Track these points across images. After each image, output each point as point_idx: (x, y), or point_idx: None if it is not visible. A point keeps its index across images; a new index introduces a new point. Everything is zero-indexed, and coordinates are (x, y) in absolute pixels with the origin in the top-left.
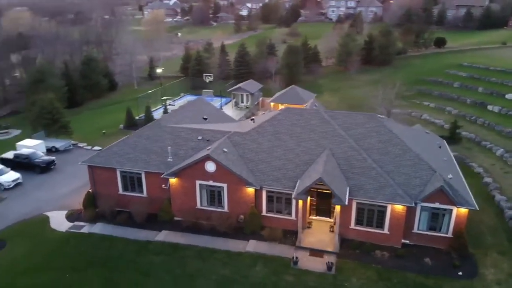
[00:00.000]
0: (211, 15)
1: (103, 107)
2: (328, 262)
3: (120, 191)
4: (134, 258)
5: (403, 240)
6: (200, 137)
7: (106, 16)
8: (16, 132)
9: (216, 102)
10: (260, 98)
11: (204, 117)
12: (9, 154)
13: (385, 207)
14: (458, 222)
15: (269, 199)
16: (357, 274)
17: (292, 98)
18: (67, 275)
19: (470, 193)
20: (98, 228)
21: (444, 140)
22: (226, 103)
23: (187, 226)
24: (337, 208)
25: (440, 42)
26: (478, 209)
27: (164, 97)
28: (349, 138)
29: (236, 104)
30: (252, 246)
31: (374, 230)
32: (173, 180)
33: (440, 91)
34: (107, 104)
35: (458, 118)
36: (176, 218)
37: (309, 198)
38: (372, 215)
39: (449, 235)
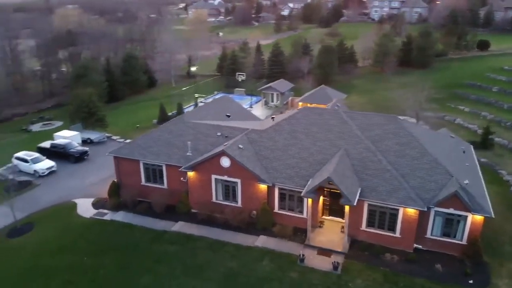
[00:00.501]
0: (253, 15)
1: (140, 103)
2: (334, 261)
3: (143, 182)
4: (149, 246)
5: (415, 245)
6: (219, 133)
7: (153, 15)
8: (59, 123)
9: (247, 100)
10: (290, 98)
11: (227, 114)
12: (47, 144)
13: (397, 210)
14: (473, 229)
15: (281, 196)
16: (363, 276)
17: (320, 98)
18: (85, 258)
19: (489, 200)
20: (120, 216)
21: (471, 146)
22: (256, 102)
23: (202, 219)
24: (346, 208)
25: (483, 45)
26: (493, 216)
27: (196, 95)
28: (366, 139)
29: (266, 103)
30: (262, 241)
31: (385, 233)
32: (191, 174)
33: (477, 95)
34: (145, 100)
35: (493, 123)
36: (193, 210)
37: (321, 197)
38: (384, 217)
39: (464, 242)
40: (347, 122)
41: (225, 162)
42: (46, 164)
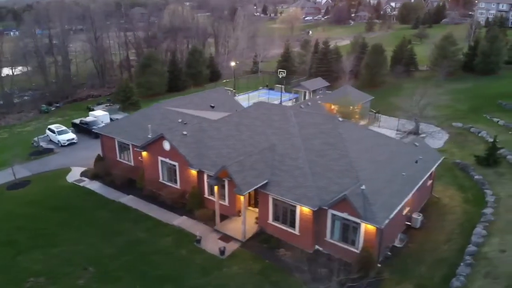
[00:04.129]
0: (353, 14)
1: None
2: (221, 247)
3: (118, 157)
4: (94, 210)
5: (317, 246)
6: (180, 120)
7: (257, 14)
8: (117, 106)
9: (284, 97)
10: (317, 96)
11: (211, 105)
12: (77, 120)
13: (295, 206)
14: (367, 238)
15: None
16: (243, 264)
17: (339, 98)
18: (42, 212)
19: (394, 212)
20: (92, 184)
21: (442, 157)
22: (290, 99)
23: (147, 195)
24: (241, 198)
25: None
26: (382, 227)
27: (225, 88)
28: (298, 137)
29: (297, 100)
30: (180, 221)
31: (287, 229)
32: (144, 154)
33: None
34: (201, 92)
35: None
36: (148, 187)
37: None
38: (286, 213)
39: (358, 250)
40: (289, 119)
41: (166, 145)
42: (68, 136)
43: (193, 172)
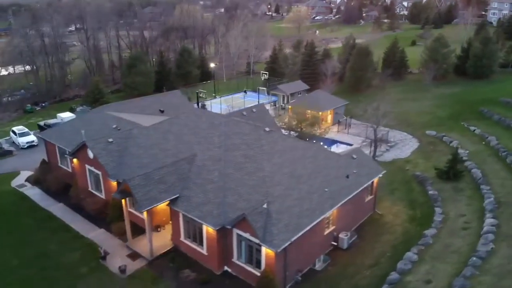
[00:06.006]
0: (364, 14)
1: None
2: (122, 265)
3: (59, 163)
4: (20, 218)
5: (226, 268)
6: (114, 126)
7: (268, 13)
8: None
9: (264, 99)
10: (293, 100)
11: (161, 109)
12: (42, 122)
13: (201, 224)
14: (268, 262)
15: None
16: (141, 285)
17: (308, 104)
18: None
19: (299, 234)
20: (31, 190)
21: (382, 173)
22: (269, 102)
23: (75, 204)
24: (144, 214)
25: None
26: (278, 251)
27: (199, 90)
28: (221, 147)
29: (275, 104)
30: (95, 234)
31: (197, 248)
32: (74, 160)
33: (502, 116)
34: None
35: (491, 150)
36: (80, 196)
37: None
38: (195, 230)
39: (259, 273)
40: (216, 128)
41: (90, 153)
42: (28, 138)
43: (113, 182)
